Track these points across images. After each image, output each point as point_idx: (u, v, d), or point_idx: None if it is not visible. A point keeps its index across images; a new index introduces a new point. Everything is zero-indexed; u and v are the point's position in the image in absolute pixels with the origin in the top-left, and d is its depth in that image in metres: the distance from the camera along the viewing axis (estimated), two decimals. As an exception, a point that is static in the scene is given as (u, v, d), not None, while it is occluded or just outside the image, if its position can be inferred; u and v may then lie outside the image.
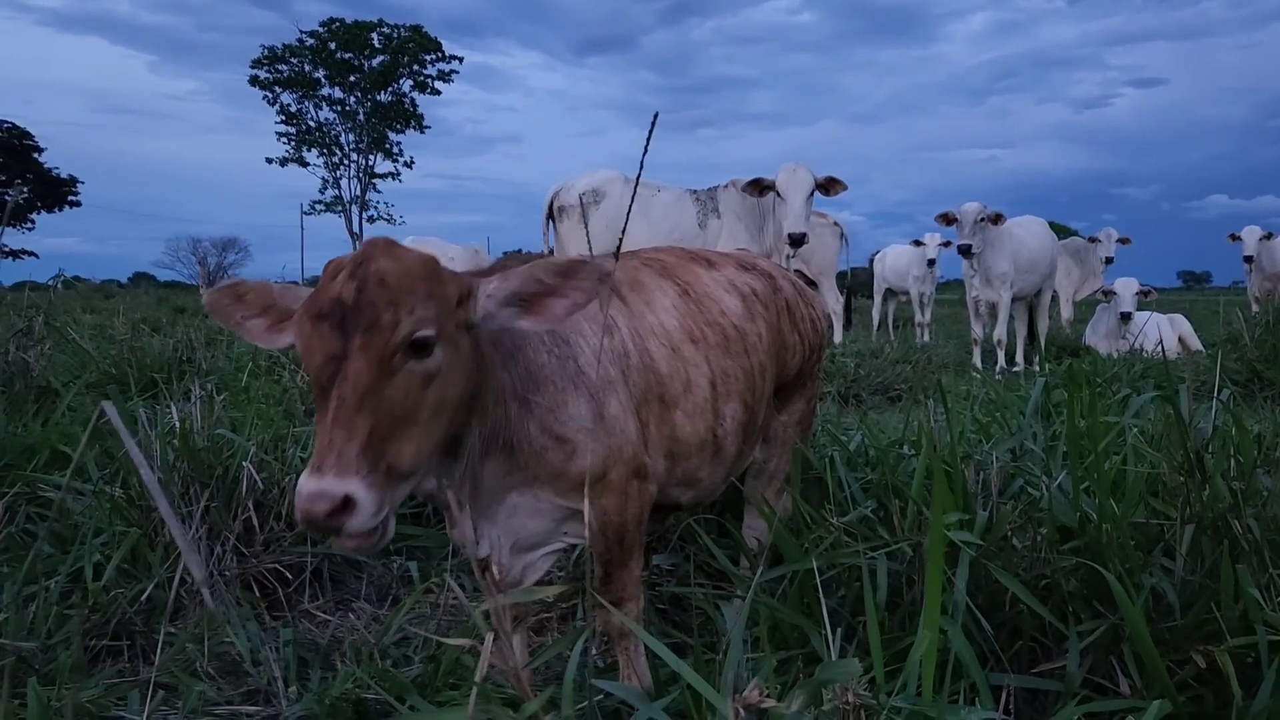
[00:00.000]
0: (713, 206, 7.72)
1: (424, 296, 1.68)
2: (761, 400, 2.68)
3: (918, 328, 15.34)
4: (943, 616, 1.91)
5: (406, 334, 1.63)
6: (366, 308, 1.62)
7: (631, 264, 2.58)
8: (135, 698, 2.25)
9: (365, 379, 1.58)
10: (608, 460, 2.14)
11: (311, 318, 1.65)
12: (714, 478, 2.55)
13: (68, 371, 6.12)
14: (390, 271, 1.67)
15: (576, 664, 1.06)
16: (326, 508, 1.49)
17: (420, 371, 1.66)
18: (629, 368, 2.27)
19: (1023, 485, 2.66)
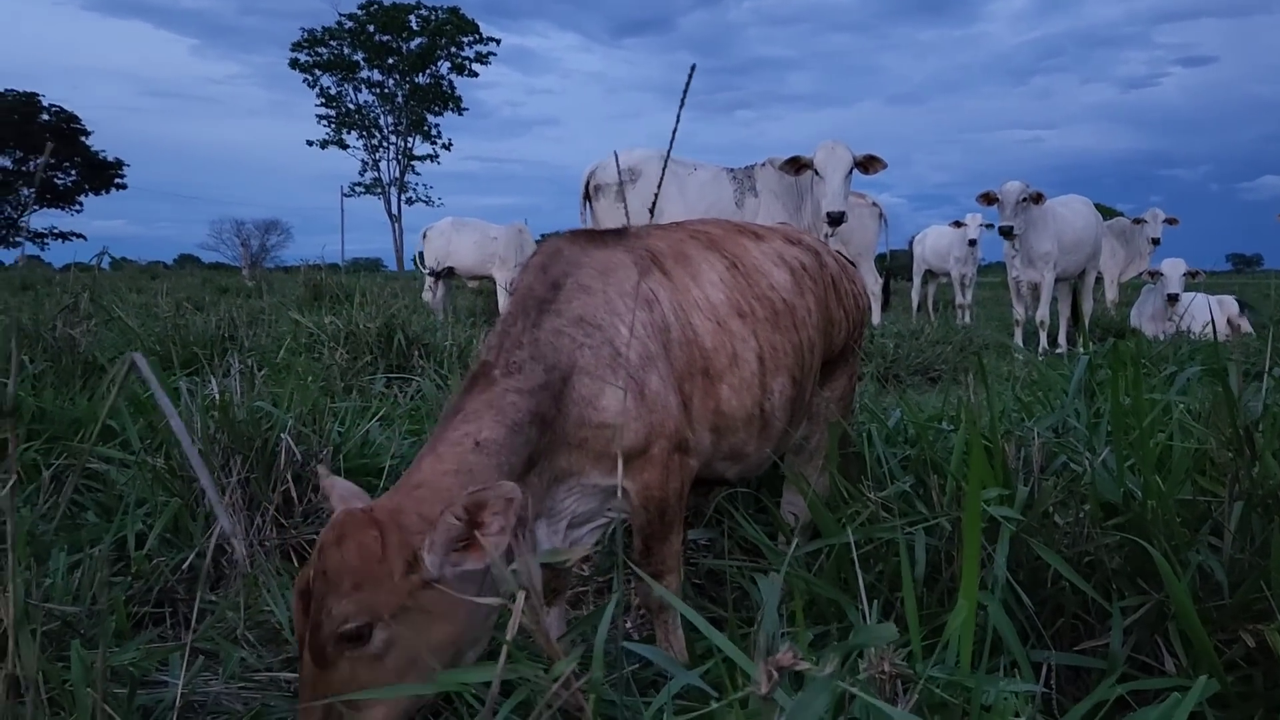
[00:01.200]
0: (750, 185, 7.66)
1: (351, 589, 1.67)
2: (809, 376, 2.65)
3: (958, 309, 15.15)
4: (982, 592, 1.88)
5: (330, 632, 1.66)
6: (313, 599, 1.68)
7: (678, 235, 2.55)
8: (176, 662, 2.29)
9: (310, 670, 1.67)
10: (650, 435, 2.14)
11: (295, 593, 1.74)
12: (761, 453, 2.53)
13: (113, 348, 6.21)
14: (331, 565, 1.69)
15: (607, 626, 1.05)
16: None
17: (362, 656, 1.68)
18: (670, 342, 2.26)
19: (1065, 462, 2.61)
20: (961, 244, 15.17)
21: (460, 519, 1.71)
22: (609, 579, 3.03)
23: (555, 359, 2.08)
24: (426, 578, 1.72)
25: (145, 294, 14.05)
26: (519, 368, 2.05)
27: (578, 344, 2.12)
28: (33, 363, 5.01)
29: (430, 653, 1.74)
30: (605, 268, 2.29)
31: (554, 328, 2.13)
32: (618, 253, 2.35)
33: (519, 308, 2.21)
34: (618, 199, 7.85)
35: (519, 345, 2.09)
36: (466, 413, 1.99)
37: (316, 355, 6.14)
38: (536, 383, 2.04)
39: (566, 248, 2.33)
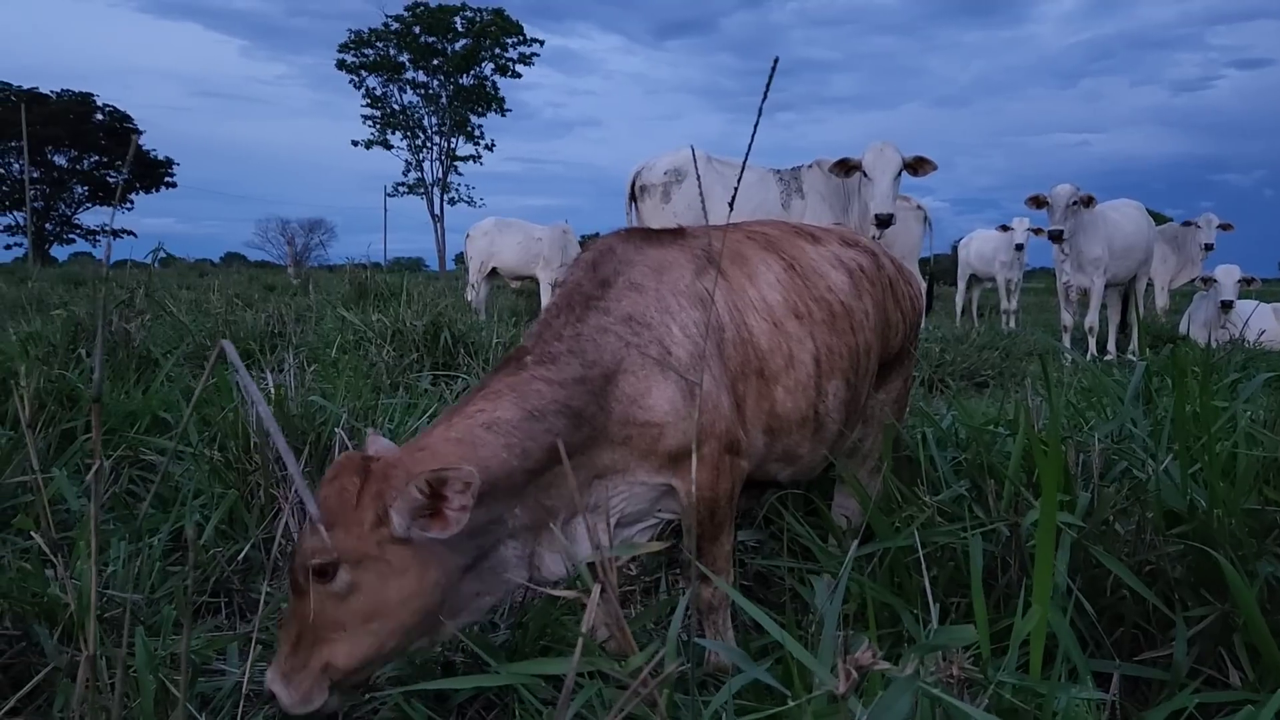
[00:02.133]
0: (796, 186, 7.61)
1: (324, 526, 1.79)
2: (865, 379, 2.63)
3: (1003, 315, 14.95)
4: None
5: (300, 563, 1.80)
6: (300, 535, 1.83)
7: (735, 236, 2.54)
8: (234, 651, 2.32)
9: (291, 600, 1.83)
10: (700, 435, 2.13)
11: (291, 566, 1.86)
12: (815, 455, 2.52)
13: (166, 342, 6.33)
14: (319, 500, 1.83)
15: (680, 622, 1.04)
16: (267, 695, 1.82)
17: (328, 593, 1.79)
18: (723, 341, 2.25)
19: (1125, 469, 2.56)
20: (1008, 248, 14.95)
21: (423, 491, 1.78)
22: (655, 579, 3.03)
23: (597, 355, 2.09)
24: (396, 534, 1.80)
25: (195, 290, 14.30)
26: (553, 359, 2.07)
27: (625, 342, 2.12)
28: (89, 356, 5.11)
29: (396, 607, 1.83)
30: (659, 266, 2.29)
31: (599, 325, 2.13)
32: (673, 251, 2.35)
33: (565, 301, 2.22)
34: (663, 200, 7.84)
35: (558, 337, 2.11)
36: (488, 391, 2.04)
37: (363, 352, 6.21)
38: (570, 376, 2.04)
39: (620, 245, 2.33)
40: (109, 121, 53.53)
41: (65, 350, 5.09)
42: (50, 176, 52.78)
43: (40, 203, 51.67)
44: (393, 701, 2.18)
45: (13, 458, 3.05)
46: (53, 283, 15.63)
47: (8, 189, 51.18)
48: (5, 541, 2.68)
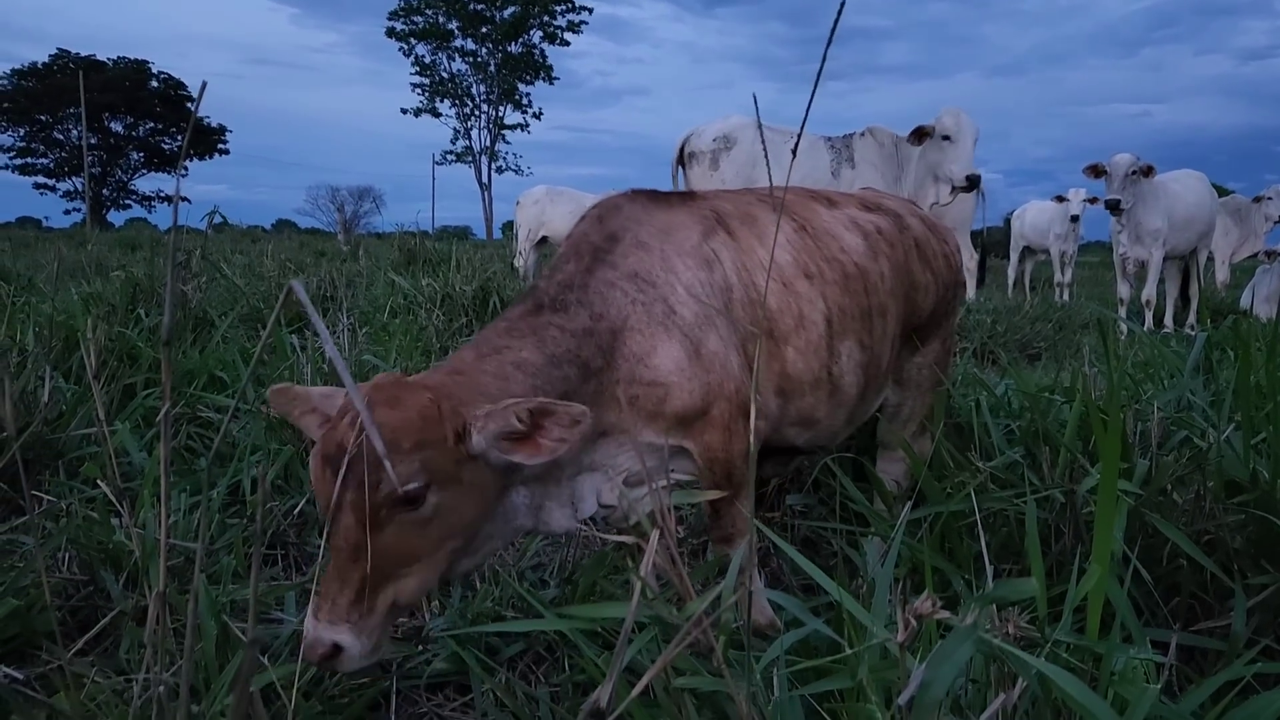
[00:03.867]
0: (847, 155, 7.52)
1: (412, 449, 1.66)
2: (883, 341, 2.59)
3: (1056, 288, 14.67)
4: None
5: (388, 493, 1.63)
6: (355, 463, 1.61)
7: (746, 199, 2.51)
8: (291, 600, 2.38)
9: (354, 534, 1.63)
10: (707, 396, 2.11)
11: (319, 459, 1.68)
12: (833, 419, 2.49)
13: (222, 304, 6.44)
14: (380, 425, 1.65)
15: (737, 568, 1.05)
16: (319, 654, 1.62)
17: (412, 520, 1.68)
18: (731, 302, 2.22)
19: (1184, 439, 2.51)
20: (1063, 220, 14.64)
21: (523, 419, 1.73)
22: (703, 541, 3.04)
23: (604, 309, 2.07)
24: (472, 452, 1.74)
25: (247, 255, 14.52)
26: (565, 306, 2.06)
27: (630, 299, 2.10)
28: (148, 315, 5.22)
29: (460, 530, 1.78)
30: (666, 227, 2.27)
31: (606, 279, 2.12)
32: (680, 214, 2.33)
33: (573, 250, 2.21)
34: (711, 167, 7.79)
35: (569, 286, 2.10)
36: (512, 329, 2.03)
37: (413, 316, 6.28)
38: (580, 326, 2.04)
39: (627, 205, 2.32)
40: (164, 89, 54.35)
41: (125, 310, 5.21)
42: (107, 143, 53.82)
43: (98, 169, 52.71)
44: (448, 652, 2.22)
45: (77, 411, 3.14)
46: (110, 246, 15.94)
47: (67, 155, 52.27)
48: (72, 490, 2.76)
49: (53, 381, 3.10)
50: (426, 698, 2.20)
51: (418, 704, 2.19)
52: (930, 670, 0.83)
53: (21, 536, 2.45)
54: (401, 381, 1.78)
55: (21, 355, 3.31)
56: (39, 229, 23.96)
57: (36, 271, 8.73)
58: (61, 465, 2.96)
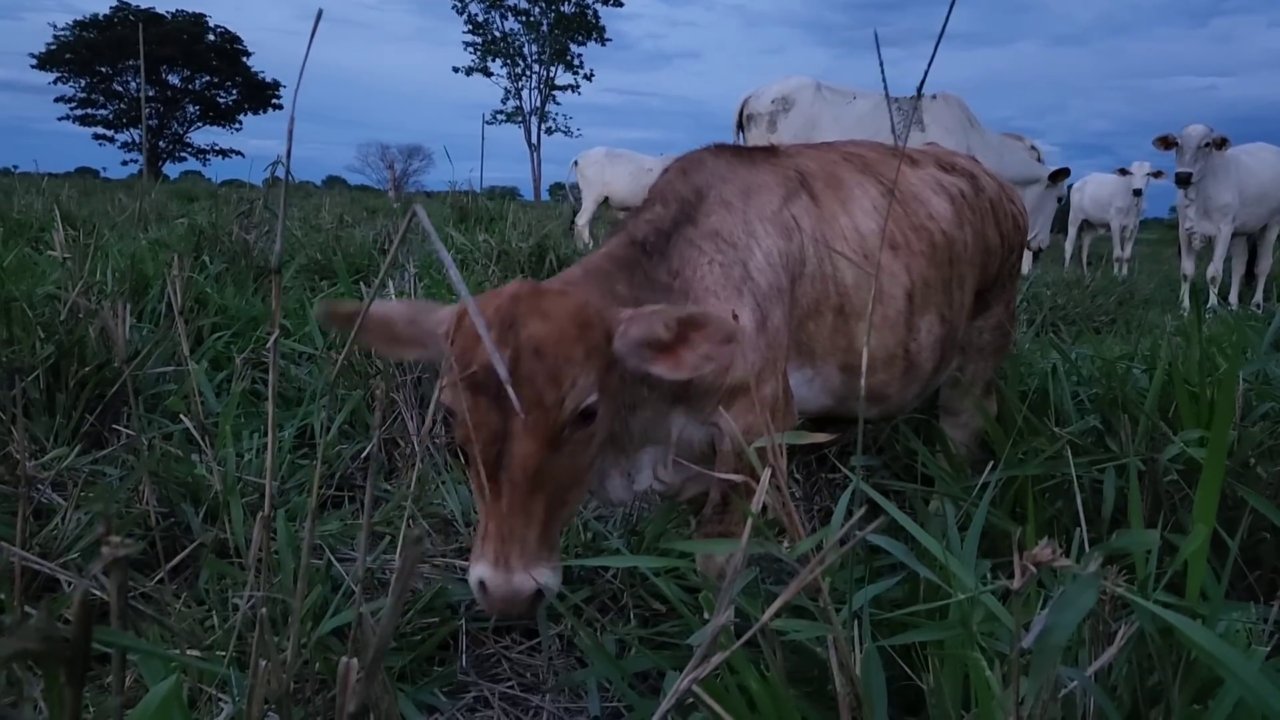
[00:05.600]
0: (916, 118, 7.37)
1: (583, 361, 1.55)
2: (961, 312, 2.52)
3: (1116, 263, 14.35)
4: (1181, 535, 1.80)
5: (573, 409, 1.52)
6: (525, 383, 1.48)
7: (830, 157, 2.41)
8: (363, 540, 2.42)
9: (535, 460, 1.49)
10: (763, 373, 2.01)
11: (468, 388, 1.51)
12: (905, 394, 2.42)
13: (283, 254, 6.52)
14: (544, 338, 1.52)
15: (843, 513, 1.05)
16: (523, 608, 1.47)
17: (585, 436, 1.58)
18: (800, 277, 2.12)
19: (1267, 410, 2.46)
20: (1125, 193, 14.29)
21: (670, 327, 1.63)
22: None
23: (680, 266, 2.01)
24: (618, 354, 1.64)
25: (302, 210, 14.69)
26: (651, 253, 2.00)
27: (709, 259, 2.02)
28: (212, 263, 5.31)
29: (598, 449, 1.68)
30: (748, 188, 2.19)
31: (687, 236, 2.05)
32: (763, 173, 2.24)
33: (660, 197, 2.14)
34: (769, 128, 7.70)
35: (659, 231, 2.04)
36: (612, 256, 1.98)
37: (470, 271, 6.31)
38: (660, 280, 1.98)
39: (711, 160, 2.24)
40: (220, 42, 54.77)
41: (191, 257, 5.30)
42: (164, 95, 54.44)
43: (154, 121, 53.42)
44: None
45: (153, 352, 3.20)
46: (167, 197, 16.18)
47: (125, 107, 53.01)
48: (151, 425, 2.82)
49: (129, 321, 3.16)
50: (494, 640, 2.24)
51: (485, 645, 2.22)
52: (1054, 615, 0.82)
53: (106, 468, 2.51)
54: (539, 289, 1.65)
55: (100, 295, 3.38)
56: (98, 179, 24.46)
57: (102, 218, 8.89)
58: (140, 402, 3.02)
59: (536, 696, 2.06)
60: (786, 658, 1.57)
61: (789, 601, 0.92)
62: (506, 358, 1.48)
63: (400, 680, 1.93)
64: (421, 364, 3.29)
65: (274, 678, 1.24)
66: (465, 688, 2.08)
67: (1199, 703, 1.13)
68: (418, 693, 1.91)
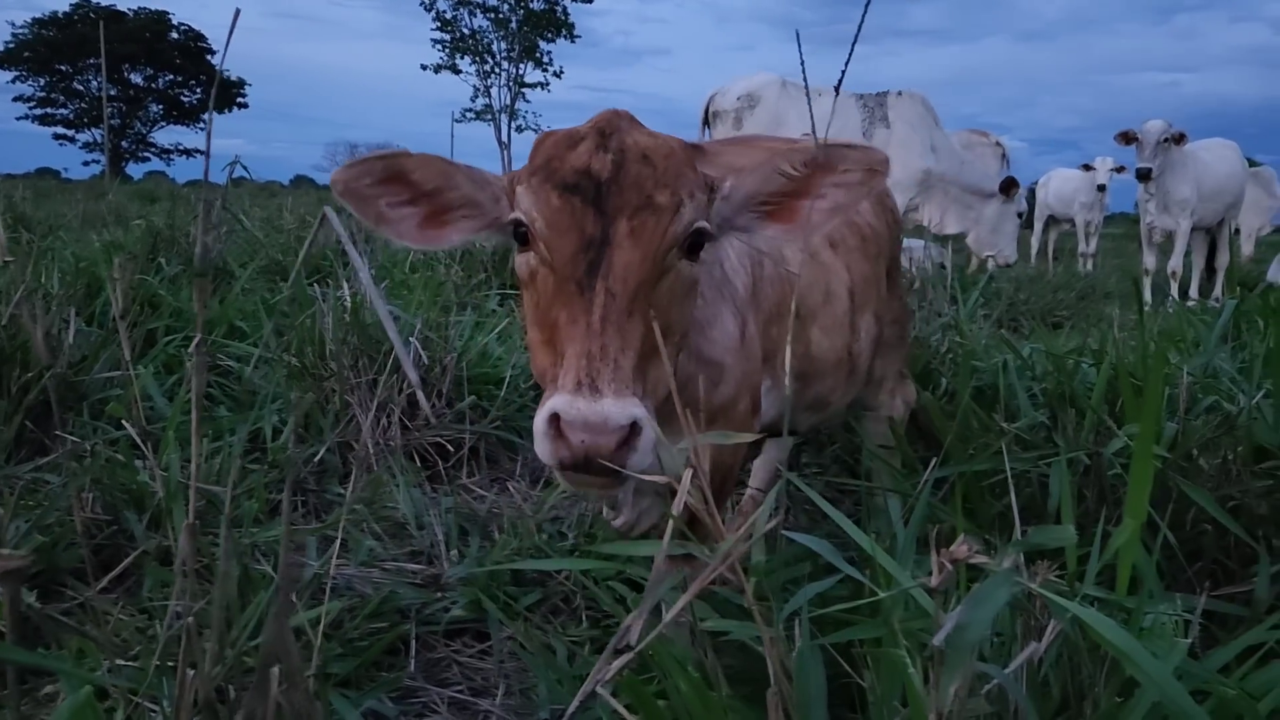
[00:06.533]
0: (881, 114, 7.40)
1: (694, 181, 1.39)
2: (885, 308, 2.43)
3: (1080, 258, 14.51)
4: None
5: (689, 222, 1.35)
6: (632, 186, 1.32)
7: (756, 155, 2.20)
8: (313, 545, 2.39)
9: (640, 271, 1.29)
10: (740, 387, 1.78)
11: (557, 189, 1.33)
12: (842, 402, 2.33)
13: (241, 255, 6.45)
14: (653, 148, 1.37)
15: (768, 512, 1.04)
16: (615, 440, 1.18)
17: (688, 277, 1.40)
18: (761, 278, 1.93)
19: (1211, 405, 2.49)
20: (1089, 189, 14.45)
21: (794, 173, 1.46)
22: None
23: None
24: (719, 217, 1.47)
25: (265, 209, 14.54)
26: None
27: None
28: (168, 265, 5.24)
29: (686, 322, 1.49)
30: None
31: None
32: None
33: None
34: (735, 126, 7.71)
35: None
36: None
37: (432, 271, 6.27)
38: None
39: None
40: (184, 40, 54.07)
41: (145, 259, 5.22)
42: (126, 95, 53.67)
43: (117, 120, 52.65)
44: (467, 599, 2.24)
45: (100, 355, 3.15)
46: (129, 198, 15.96)
47: (86, 106, 52.23)
48: (95, 432, 2.78)
49: (76, 325, 3.11)
50: (444, 643, 2.22)
51: (435, 649, 2.20)
52: (967, 612, 0.82)
53: (47, 475, 2.47)
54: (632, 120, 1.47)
55: (46, 299, 3.33)
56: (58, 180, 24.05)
57: (57, 220, 8.76)
58: (85, 407, 2.97)
59: (486, 701, 2.05)
60: (734, 660, 1.57)
61: (700, 595, 0.91)
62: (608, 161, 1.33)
63: (344, 686, 1.91)
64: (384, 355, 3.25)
65: (201, 686, 1.23)
66: (414, 693, 2.06)
67: (1126, 695, 1.14)
68: (362, 699, 1.88)
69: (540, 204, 1.34)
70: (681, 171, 1.36)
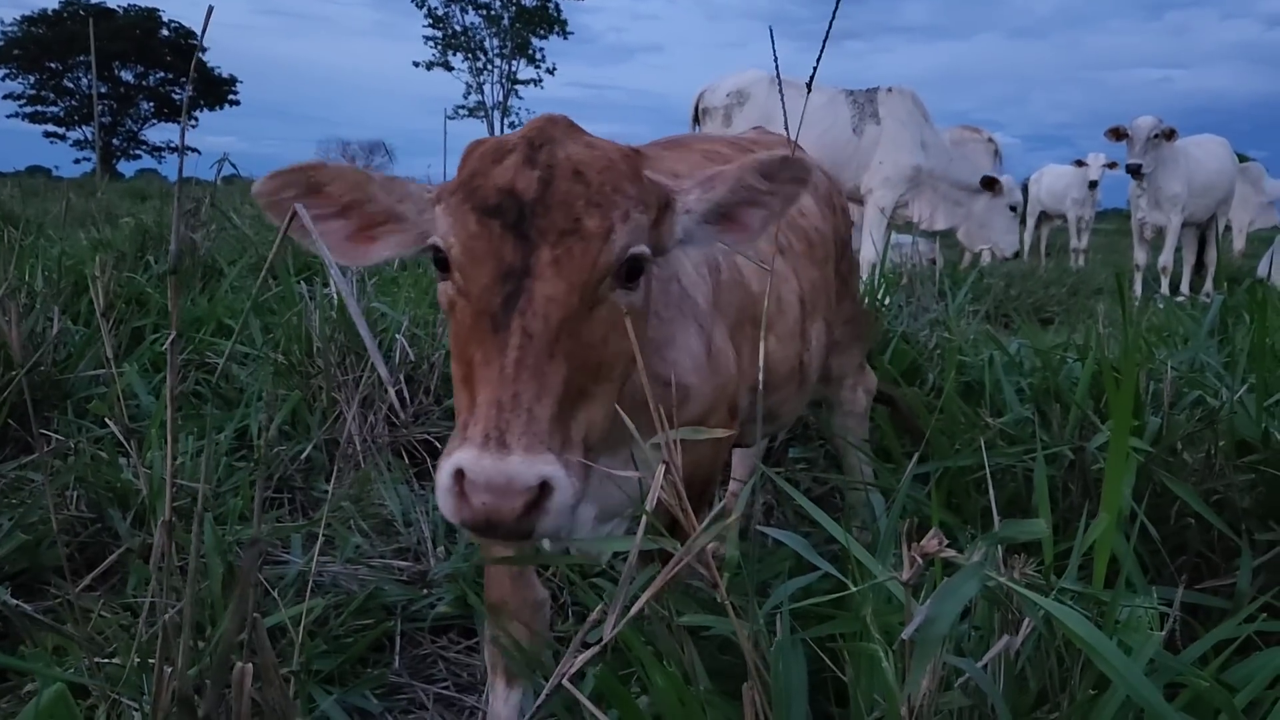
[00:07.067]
0: (871, 111, 7.39)
1: (636, 198, 1.27)
2: (834, 314, 2.36)
3: (1072, 254, 14.55)
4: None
5: (623, 248, 1.22)
6: (559, 207, 1.19)
7: (693, 158, 2.09)
8: (297, 542, 2.39)
9: (563, 307, 1.16)
10: (714, 403, 1.68)
11: (476, 212, 1.21)
12: (794, 412, 2.27)
13: (231, 253, 6.43)
14: (587, 162, 1.24)
15: (743, 506, 1.04)
16: (521, 503, 1.06)
17: (625, 306, 1.25)
18: (719, 285, 1.80)
19: (1196, 399, 2.50)
20: (1081, 185, 14.49)
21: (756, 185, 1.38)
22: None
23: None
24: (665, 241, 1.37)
25: (256, 207, 14.48)
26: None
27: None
28: (157, 263, 5.21)
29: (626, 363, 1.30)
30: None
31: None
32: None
33: None
34: (724, 122, 7.71)
35: None
36: None
37: (422, 269, 6.26)
38: None
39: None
40: (174, 38, 53.85)
41: (134, 257, 5.21)
42: (117, 92, 53.46)
43: (107, 118, 52.45)
44: (452, 595, 2.23)
45: (85, 353, 3.14)
46: (120, 196, 15.91)
47: (77, 104, 52.00)
48: (79, 430, 2.77)
49: (60, 323, 3.10)
50: (431, 639, 2.22)
51: (421, 645, 2.20)
52: (935, 606, 0.82)
53: (30, 473, 2.46)
54: (571, 125, 1.35)
55: (30, 297, 3.31)
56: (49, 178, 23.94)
57: (45, 218, 8.72)
58: (70, 405, 2.97)
59: (472, 696, 2.05)
60: (719, 660, 1.57)
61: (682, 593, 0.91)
62: (535, 178, 1.21)
63: (329, 683, 1.91)
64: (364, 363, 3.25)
65: (178, 683, 1.22)
66: (400, 689, 2.06)
67: (1101, 689, 1.14)
68: (347, 695, 1.88)
69: (457, 227, 1.23)
70: (620, 188, 1.24)
